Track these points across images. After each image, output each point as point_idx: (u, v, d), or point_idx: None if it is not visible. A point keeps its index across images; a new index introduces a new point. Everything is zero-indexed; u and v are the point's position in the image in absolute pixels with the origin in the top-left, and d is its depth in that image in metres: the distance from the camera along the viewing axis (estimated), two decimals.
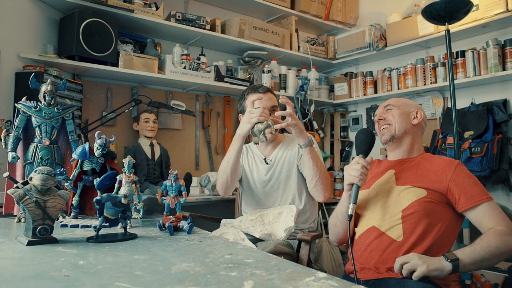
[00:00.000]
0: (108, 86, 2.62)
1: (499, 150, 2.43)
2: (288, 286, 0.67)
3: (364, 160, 1.28)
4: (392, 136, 1.41)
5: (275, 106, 1.76)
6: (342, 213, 1.38)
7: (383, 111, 1.48)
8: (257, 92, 1.77)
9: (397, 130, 1.41)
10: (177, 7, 2.90)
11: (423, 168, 1.35)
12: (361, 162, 1.27)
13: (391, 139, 1.42)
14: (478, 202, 1.25)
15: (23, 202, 0.97)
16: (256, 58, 3.14)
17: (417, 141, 1.45)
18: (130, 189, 1.12)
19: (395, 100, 1.49)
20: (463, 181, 1.28)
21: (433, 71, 2.86)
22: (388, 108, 1.47)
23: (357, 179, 1.25)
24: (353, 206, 1.23)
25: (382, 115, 1.46)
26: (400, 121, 1.42)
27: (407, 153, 1.43)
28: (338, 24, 3.56)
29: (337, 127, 3.65)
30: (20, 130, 1.41)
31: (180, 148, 2.91)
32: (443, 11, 2.21)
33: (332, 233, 1.47)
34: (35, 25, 2.22)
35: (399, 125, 1.41)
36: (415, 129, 1.44)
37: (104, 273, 0.73)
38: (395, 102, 1.47)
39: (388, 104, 1.48)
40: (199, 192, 2.64)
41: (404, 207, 1.28)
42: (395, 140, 1.42)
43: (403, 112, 1.43)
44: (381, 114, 1.47)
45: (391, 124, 1.42)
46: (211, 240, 1.10)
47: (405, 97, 2.74)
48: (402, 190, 1.31)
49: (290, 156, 1.79)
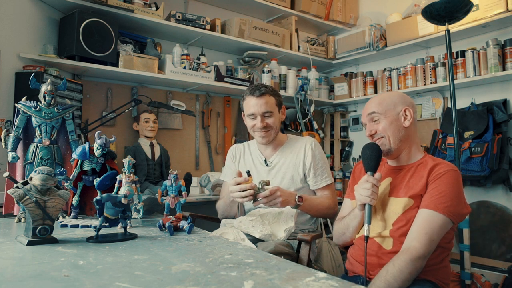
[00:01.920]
0: (108, 86, 2.62)
1: (499, 150, 2.43)
2: (288, 286, 0.67)
3: (374, 178, 1.24)
4: (389, 150, 1.34)
5: (267, 112, 1.72)
6: (353, 227, 1.35)
7: (370, 124, 1.38)
8: (252, 95, 1.73)
9: (392, 143, 1.33)
10: (177, 7, 2.89)
11: (417, 175, 1.29)
12: (371, 181, 1.23)
13: (388, 152, 1.34)
14: (430, 207, 1.19)
15: (23, 202, 0.97)
16: (256, 58, 3.14)
17: (414, 141, 1.37)
18: (130, 189, 1.12)
19: (377, 104, 1.37)
20: (439, 185, 1.22)
21: (433, 71, 2.86)
22: (375, 119, 1.36)
23: (369, 199, 1.22)
24: (368, 227, 1.21)
25: (372, 129, 1.37)
26: (392, 131, 1.33)
27: (406, 158, 1.37)
28: (338, 24, 3.56)
29: (337, 127, 3.65)
30: (20, 130, 1.41)
31: (180, 148, 2.91)
32: (443, 11, 2.21)
33: (338, 240, 1.45)
34: (35, 25, 2.22)
35: (393, 137, 1.33)
36: (409, 130, 1.34)
37: (104, 273, 0.73)
38: (378, 108, 1.35)
39: (372, 111, 1.37)
40: (199, 192, 2.64)
41: (393, 221, 1.26)
42: (392, 152, 1.34)
43: (392, 120, 1.33)
44: (370, 128, 1.37)
45: (384, 137, 1.34)
46: (211, 240, 1.10)
47: None
48: (393, 202, 1.29)
49: (295, 162, 1.77)
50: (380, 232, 1.28)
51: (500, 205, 2.52)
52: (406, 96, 1.39)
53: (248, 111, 1.76)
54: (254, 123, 1.75)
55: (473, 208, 2.62)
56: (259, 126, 1.73)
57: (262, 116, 1.73)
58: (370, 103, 1.39)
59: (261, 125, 1.72)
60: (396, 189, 1.31)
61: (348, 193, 1.52)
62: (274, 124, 1.76)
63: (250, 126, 1.78)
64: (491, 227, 2.51)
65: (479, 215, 2.58)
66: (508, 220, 2.46)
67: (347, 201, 1.51)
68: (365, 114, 1.40)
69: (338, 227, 1.44)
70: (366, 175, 1.26)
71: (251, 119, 1.76)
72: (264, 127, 1.73)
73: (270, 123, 1.74)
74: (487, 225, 2.53)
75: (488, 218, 2.54)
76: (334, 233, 1.48)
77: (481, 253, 2.48)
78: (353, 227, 1.35)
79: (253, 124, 1.75)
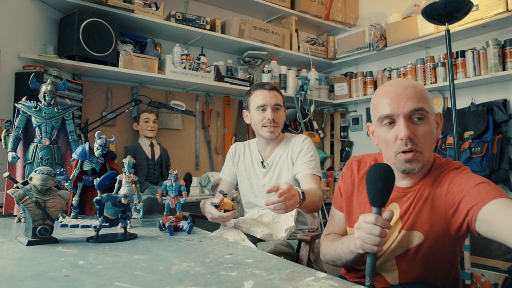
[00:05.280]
0: (108, 86, 2.62)
1: (499, 150, 2.43)
2: (288, 286, 0.67)
3: (384, 220, 0.87)
4: (421, 168, 1.00)
5: (278, 104, 1.75)
6: (348, 261, 1.09)
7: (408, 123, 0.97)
8: (262, 88, 1.76)
9: (426, 158, 0.99)
10: (177, 7, 2.89)
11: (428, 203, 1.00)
12: (380, 224, 0.87)
13: (414, 171, 1.00)
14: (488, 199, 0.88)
15: (23, 202, 0.97)
16: (256, 58, 3.14)
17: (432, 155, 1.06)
18: (130, 189, 1.12)
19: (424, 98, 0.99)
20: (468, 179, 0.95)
21: (433, 71, 2.86)
22: (418, 116, 0.98)
23: (375, 248, 0.88)
24: (369, 279, 0.91)
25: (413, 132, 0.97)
26: (431, 142, 0.99)
27: (419, 178, 1.05)
28: (338, 24, 3.56)
29: (337, 127, 3.65)
30: (20, 130, 1.41)
31: (180, 148, 2.90)
32: (443, 11, 2.21)
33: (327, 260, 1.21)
34: (35, 25, 2.22)
35: (429, 151, 1.00)
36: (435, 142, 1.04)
37: (104, 273, 0.73)
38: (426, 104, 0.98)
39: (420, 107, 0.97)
40: (199, 192, 2.64)
41: (398, 254, 1.04)
42: (420, 171, 1.01)
43: (433, 124, 1.00)
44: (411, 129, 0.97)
45: (422, 153, 0.98)
46: (211, 240, 1.09)
47: None
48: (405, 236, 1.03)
49: (288, 160, 1.76)
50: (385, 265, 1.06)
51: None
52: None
53: (257, 103, 1.74)
54: (264, 116, 1.73)
55: None
56: (269, 118, 1.71)
57: (273, 109, 1.73)
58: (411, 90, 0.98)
59: (271, 117, 1.71)
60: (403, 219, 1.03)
61: (335, 201, 1.26)
62: (281, 120, 1.77)
63: (259, 120, 1.74)
64: None
65: None
66: None
67: (335, 213, 1.26)
68: (405, 107, 0.97)
69: (328, 249, 1.17)
70: (372, 215, 0.88)
71: (261, 112, 1.74)
72: (274, 121, 1.72)
73: (278, 118, 1.74)
74: None
75: None
76: (321, 250, 1.22)
77: (481, 253, 2.48)
78: (347, 261, 1.09)
79: (263, 117, 1.73)
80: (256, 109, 1.75)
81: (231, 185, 1.90)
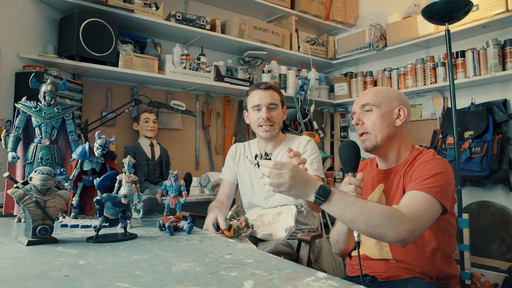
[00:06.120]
0: (108, 86, 2.62)
1: (499, 150, 2.43)
2: (288, 286, 0.67)
3: (356, 179, 1.14)
4: (375, 146, 1.26)
5: (273, 103, 1.76)
6: (344, 233, 1.27)
7: (361, 112, 1.29)
8: (258, 88, 1.79)
9: (379, 139, 1.25)
10: (177, 7, 2.89)
11: (406, 177, 1.21)
12: (353, 183, 1.13)
13: (373, 149, 1.27)
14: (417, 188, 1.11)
15: (23, 202, 0.97)
16: (256, 58, 3.14)
17: (404, 142, 1.29)
18: (130, 189, 1.12)
19: (374, 95, 1.29)
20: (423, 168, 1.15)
21: (433, 71, 2.86)
22: (367, 109, 1.28)
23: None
24: (358, 233, 1.13)
25: (360, 119, 1.28)
26: (381, 126, 1.24)
27: (395, 160, 1.29)
28: (338, 24, 3.56)
29: (337, 127, 3.65)
30: (20, 130, 1.41)
31: (180, 148, 2.90)
32: (443, 11, 2.21)
33: (335, 248, 1.37)
34: (35, 25, 2.22)
35: (381, 133, 1.24)
36: (400, 130, 1.27)
37: (104, 273, 0.73)
38: (374, 99, 1.27)
39: (366, 102, 1.28)
40: (199, 192, 2.64)
41: None
42: (378, 148, 1.26)
43: (383, 113, 1.25)
44: (359, 116, 1.29)
45: (370, 133, 1.26)
46: (211, 240, 1.10)
47: None
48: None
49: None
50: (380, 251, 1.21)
51: (500, 205, 2.53)
52: (404, 95, 1.33)
53: (253, 103, 1.77)
54: (259, 116, 1.75)
55: (473, 208, 2.62)
56: (264, 117, 1.73)
57: (268, 108, 1.74)
58: (366, 93, 1.32)
59: (266, 116, 1.72)
60: (389, 198, 1.24)
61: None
62: (278, 119, 1.77)
63: (255, 120, 1.77)
64: (491, 227, 2.51)
65: (479, 215, 2.58)
66: (508, 220, 2.46)
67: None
68: (358, 103, 1.31)
69: (332, 234, 1.35)
70: (347, 177, 1.16)
71: (256, 112, 1.77)
72: (269, 120, 1.73)
73: (274, 116, 1.75)
74: (487, 225, 2.53)
75: (488, 218, 2.54)
76: (331, 241, 1.39)
77: (481, 253, 2.48)
78: (344, 233, 1.27)
79: (258, 117, 1.75)
80: (252, 109, 1.78)
81: (232, 186, 1.90)
